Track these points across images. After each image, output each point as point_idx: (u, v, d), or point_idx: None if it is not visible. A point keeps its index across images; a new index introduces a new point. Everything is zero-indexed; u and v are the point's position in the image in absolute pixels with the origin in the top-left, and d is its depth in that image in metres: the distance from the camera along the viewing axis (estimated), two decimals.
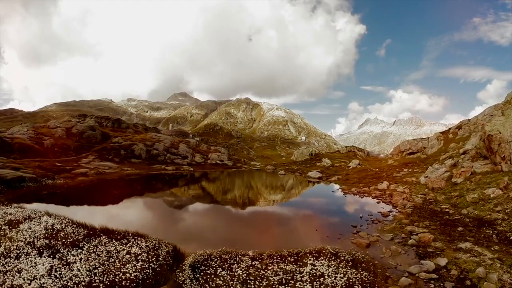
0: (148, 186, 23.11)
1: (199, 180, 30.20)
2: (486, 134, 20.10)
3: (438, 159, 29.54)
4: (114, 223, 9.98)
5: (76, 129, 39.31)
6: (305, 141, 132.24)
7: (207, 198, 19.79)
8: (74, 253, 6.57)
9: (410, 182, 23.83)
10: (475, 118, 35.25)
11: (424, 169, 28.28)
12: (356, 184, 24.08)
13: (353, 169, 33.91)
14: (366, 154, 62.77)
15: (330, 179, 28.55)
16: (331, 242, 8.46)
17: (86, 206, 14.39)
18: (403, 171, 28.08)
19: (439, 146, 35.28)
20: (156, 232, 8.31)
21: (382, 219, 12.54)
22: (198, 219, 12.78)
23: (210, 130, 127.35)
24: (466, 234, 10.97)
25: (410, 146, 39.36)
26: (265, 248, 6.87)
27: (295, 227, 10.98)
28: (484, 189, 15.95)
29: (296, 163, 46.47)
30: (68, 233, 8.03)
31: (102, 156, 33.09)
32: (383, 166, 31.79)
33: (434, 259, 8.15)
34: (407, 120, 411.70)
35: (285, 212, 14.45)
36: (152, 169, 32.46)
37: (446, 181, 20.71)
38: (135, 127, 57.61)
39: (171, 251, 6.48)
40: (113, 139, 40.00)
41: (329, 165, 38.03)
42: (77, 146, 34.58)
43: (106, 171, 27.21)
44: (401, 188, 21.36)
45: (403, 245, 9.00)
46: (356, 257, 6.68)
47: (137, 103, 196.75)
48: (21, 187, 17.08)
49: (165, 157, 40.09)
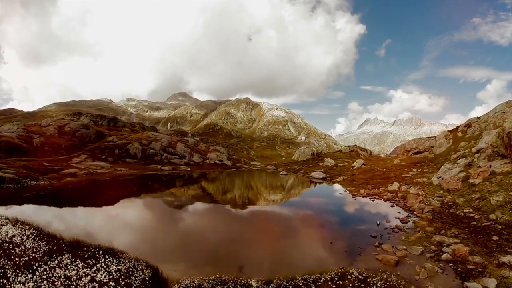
0: (139, 188, 21.34)
1: (196, 181, 28.62)
2: (505, 131, 18.54)
3: (448, 159, 28.04)
4: (89, 234, 8.43)
5: (69, 128, 37.67)
6: (305, 141, 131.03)
7: (202, 201, 18.22)
8: (22, 280, 5.00)
9: (422, 183, 22.28)
10: (485, 115, 33.69)
11: (434, 169, 26.76)
12: (364, 185, 22.52)
13: (358, 169, 32.35)
14: (369, 154, 61.25)
15: (334, 179, 27.00)
16: (351, 259, 6.92)
17: (65, 211, 12.79)
18: (412, 171, 26.53)
19: (447, 145, 33.75)
20: (136, 247, 6.77)
21: (402, 227, 10.98)
22: (191, 228, 10.98)
23: (210, 130, 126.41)
24: (504, 244, 9.44)
25: (416, 145, 37.80)
26: (272, 271, 5.30)
27: (306, 239, 9.36)
28: (510, 191, 14.42)
29: (298, 163, 44.90)
30: (26, 249, 6.46)
31: (95, 156, 31.48)
32: (390, 166, 30.25)
33: (479, 280, 6.62)
34: (407, 120, 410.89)
35: (292, 219, 12.75)
36: (147, 169, 30.87)
37: (463, 182, 19.17)
38: (132, 126, 55.99)
39: (149, 278, 4.91)
40: (108, 138, 38.37)
41: (332, 165, 36.47)
42: (69, 145, 32.96)
43: (98, 171, 25.61)
44: (413, 190, 19.82)
45: (437, 261, 7.45)
46: (390, 283, 5.13)
47: (137, 103, 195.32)
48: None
49: (162, 157, 38.49)
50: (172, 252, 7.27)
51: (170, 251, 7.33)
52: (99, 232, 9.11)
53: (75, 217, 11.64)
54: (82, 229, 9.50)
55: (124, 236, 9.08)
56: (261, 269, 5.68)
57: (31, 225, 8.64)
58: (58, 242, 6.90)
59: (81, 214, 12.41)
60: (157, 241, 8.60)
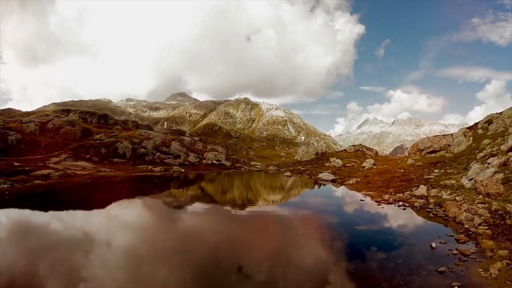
0: (119, 194, 17.46)
1: (190, 182, 25.47)
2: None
3: (473, 158, 25.10)
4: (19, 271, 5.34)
5: (52, 124, 34.41)
6: (304, 141, 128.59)
7: (199, 214, 15.08)
8: None
9: (451, 186, 19.23)
10: (509, 110, 30.72)
11: (459, 169, 23.76)
12: (383, 188, 19.47)
13: (370, 170, 29.30)
14: (375, 154, 58.31)
15: (346, 182, 23.94)
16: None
17: (4, 228, 9.61)
18: (434, 172, 23.50)
19: (467, 143, 30.80)
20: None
21: (466, 250, 7.92)
22: (172, 262, 7.31)
23: (209, 130, 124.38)
24: None
25: (431, 144, 34.80)
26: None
27: (348, 283, 6.19)
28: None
29: (301, 163, 41.83)
30: None
31: (78, 155, 28.27)
32: (407, 167, 27.20)
33: None
34: (406, 120, 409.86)
35: (313, 237, 9.54)
36: (136, 170, 27.67)
37: (504, 185, 16.17)
38: (125, 123, 52.73)
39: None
40: (95, 136, 35.14)
41: (340, 165, 33.41)
42: (49, 143, 29.71)
43: (77, 173, 22.42)
44: (445, 195, 16.76)
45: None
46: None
47: (136, 103, 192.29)
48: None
49: (154, 157, 35.29)
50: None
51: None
52: (36, 266, 6.00)
53: (10, 239, 8.46)
54: (10, 260, 6.39)
55: (63, 273, 5.98)
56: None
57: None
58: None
59: (23, 233, 9.23)
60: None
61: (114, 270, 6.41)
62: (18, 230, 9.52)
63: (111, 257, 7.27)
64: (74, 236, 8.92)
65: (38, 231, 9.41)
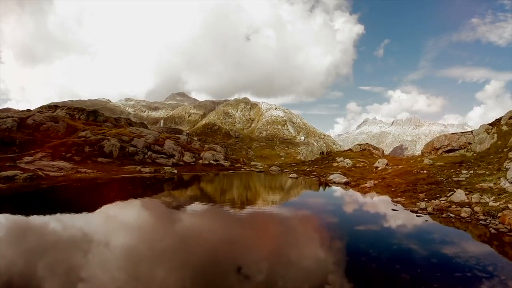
0: (92, 202, 13.92)
1: (186, 184, 22.36)
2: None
3: (504, 157, 22.20)
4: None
5: (33, 120, 31.23)
6: (304, 141, 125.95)
7: (188, 229, 11.99)
8: None
9: (489, 190, 16.19)
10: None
11: (491, 170, 20.72)
12: (410, 193, 16.42)
13: (385, 170, 26.26)
14: (382, 153, 55.38)
15: (362, 185, 20.89)
16: None
17: None
18: (463, 174, 20.46)
19: (491, 140, 27.85)
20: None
21: None
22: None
23: (208, 130, 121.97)
24: None
25: (449, 142, 31.84)
26: None
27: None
28: None
29: (306, 163, 38.79)
30: None
31: (57, 154, 25.10)
32: (427, 167, 24.15)
33: None
34: (406, 120, 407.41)
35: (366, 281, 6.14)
36: (122, 171, 24.53)
37: None
38: (116, 121, 49.57)
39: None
40: (80, 133, 31.96)
41: (350, 165, 30.37)
42: (26, 140, 26.54)
43: (50, 174, 19.28)
44: (491, 202, 13.74)
45: None
46: None
47: (135, 103, 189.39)
48: None
49: (145, 156, 32.14)
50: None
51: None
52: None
53: None
54: None
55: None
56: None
57: None
58: None
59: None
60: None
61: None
62: None
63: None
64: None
65: None
